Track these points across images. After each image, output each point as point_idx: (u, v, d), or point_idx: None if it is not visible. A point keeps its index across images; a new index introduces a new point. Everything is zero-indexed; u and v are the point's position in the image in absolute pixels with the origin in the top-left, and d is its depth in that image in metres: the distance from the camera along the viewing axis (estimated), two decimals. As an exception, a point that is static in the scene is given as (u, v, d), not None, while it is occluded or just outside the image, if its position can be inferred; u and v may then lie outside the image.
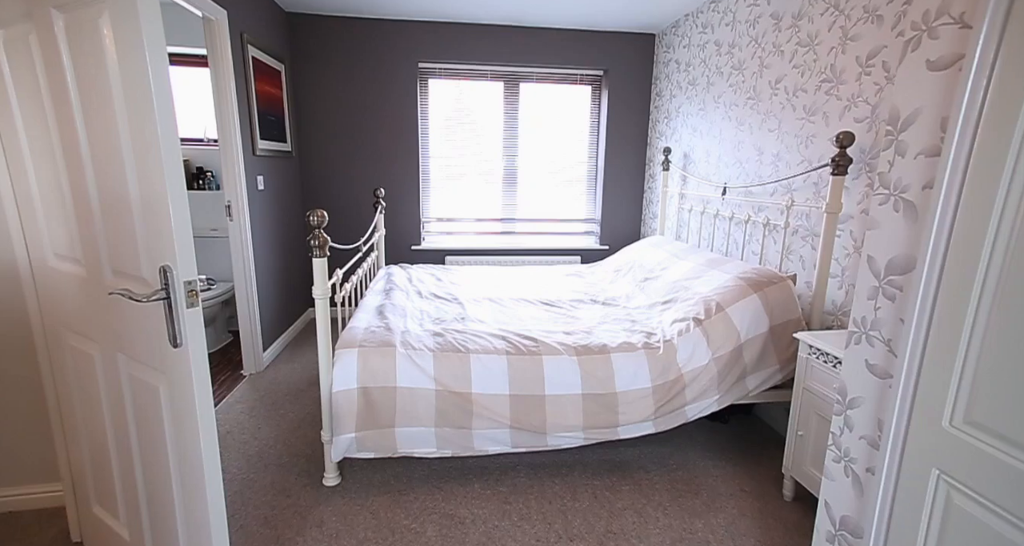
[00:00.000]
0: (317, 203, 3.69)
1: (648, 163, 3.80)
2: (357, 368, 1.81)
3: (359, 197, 3.69)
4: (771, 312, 1.94)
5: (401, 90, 3.57)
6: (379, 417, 1.80)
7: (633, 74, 3.67)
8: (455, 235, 3.96)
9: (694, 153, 3.10)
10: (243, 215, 2.70)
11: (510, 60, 3.59)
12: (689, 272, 2.42)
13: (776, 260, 2.30)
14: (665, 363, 1.91)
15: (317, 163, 3.63)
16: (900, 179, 0.95)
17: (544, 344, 1.95)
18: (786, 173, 2.23)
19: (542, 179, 3.92)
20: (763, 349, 1.93)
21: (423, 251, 3.83)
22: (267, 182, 3.01)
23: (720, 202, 2.78)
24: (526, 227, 3.99)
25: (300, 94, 3.51)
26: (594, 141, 3.88)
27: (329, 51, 3.47)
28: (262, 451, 2.11)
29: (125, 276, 1.05)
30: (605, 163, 3.80)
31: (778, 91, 2.26)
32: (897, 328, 0.95)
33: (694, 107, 3.08)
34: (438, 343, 1.93)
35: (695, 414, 1.92)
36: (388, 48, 3.50)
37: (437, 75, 3.68)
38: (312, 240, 1.68)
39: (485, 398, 1.84)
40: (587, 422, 1.87)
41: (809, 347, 1.62)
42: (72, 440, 1.37)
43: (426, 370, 1.83)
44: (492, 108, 3.77)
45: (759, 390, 1.95)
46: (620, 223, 3.92)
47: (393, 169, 3.69)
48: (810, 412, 1.62)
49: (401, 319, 2.16)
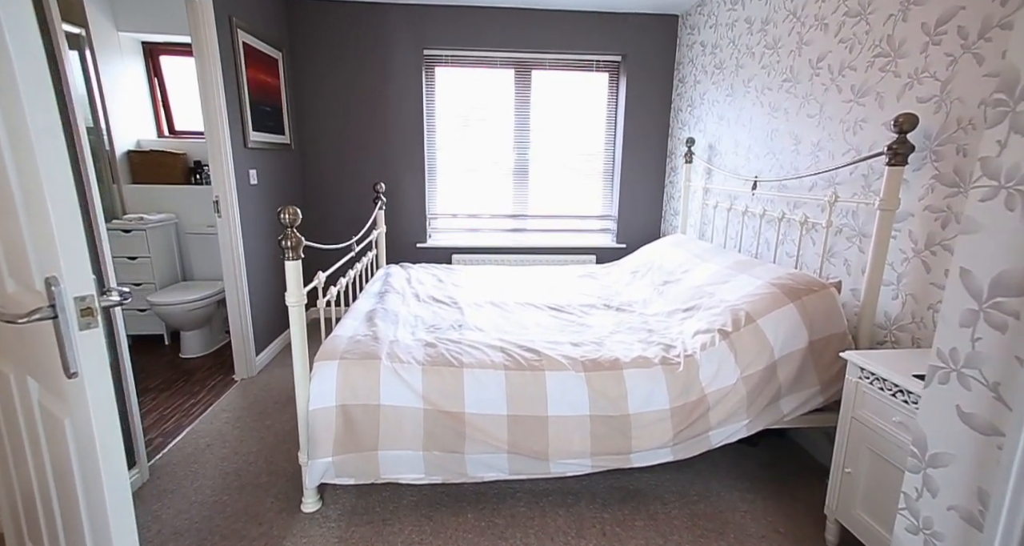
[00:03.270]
0: (318, 198, 3.52)
1: (669, 155, 3.52)
2: (336, 383, 1.62)
3: (364, 192, 3.50)
4: (810, 325, 1.68)
5: (406, 79, 3.37)
6: (360, 439, 1.61)
7: (654, 59, 3.39)
8: (463, 232, 3.75)
9: (720, 144, 2.82)
10: (232, 211, 2.53)
11: (522, 46, 3.35)
12: (714, 276, 2.16)
13: (815, 264, 2.02)
14: (686, 382, 1.67)
15: (318, 156, 3.46)
16: (1017, 166, 0.70)
17: (547, 357, 1.72)
18: (828, 164, 1.95)
19: (555, 173, 3.67)
20: (801, 368, 1.67)
21: (429, 249, 3.64)
22: (261, 176, 2.85)
23: (750, 197, 2.50)
24: (538, 224, 3.76)
25: (300, 83, 3.34)
26: (611, 132, 3.61)
27: (330, 37, 3.28)
28: (240, 469, 1.94)
29: (26, 288, 0.86)
30: (623, 156, 3.53)
31: (820, 70, 1.98)
32: (1011, 369, 0.70)
33: (721, 93, 2.80)
34: (429, 355, 1.73)
35: (720, 441, 1.67)
36: (392, 34, 3.30)
37: (444, 63, 3.46)
38: (284, 240, 1.48)
39: (479, 419, 1.62)
40: (596, 448, 1.65)
41: (860, 370, 1.36)
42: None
43: (413, 386, 1.63)
44: (502, 98, 3.54)
45: (796, 414, 1.69)
46: (638, 220, 3.65)
47: (398, 162, 3.50)
48: (860, 446, 1.36)
49: (392, 327, 1.96)
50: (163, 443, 2.13)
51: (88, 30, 3.06)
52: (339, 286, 2.06)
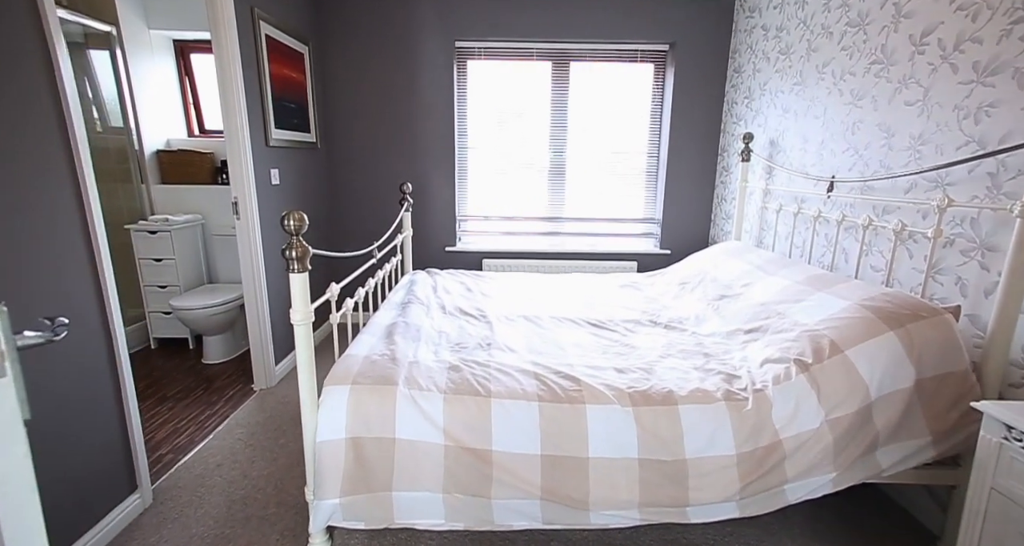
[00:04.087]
0: (344, 200, 3.38)
1: (721, 153, 3.20)
2: (347, 412, 1.42)
3: (393, 193, 3.34)
4: (918, 359, 1.36)
5: (437, 73, 3.18)
6: (372, 477, 1.40)
7: (705, 47, 3.08)
8: (495, 235, 3.54)
9: (784, 139, 2.49)
10: (251, 213, 2.40)
11: (560, 35, 3.10)
12: (783, 292, 1.86)
13: (913, 281, 1.69)
14: (756, 423, 1.39)
15: (345, 155, 3.32)
16: None
17: (588, 387, 1.48)
18: (934, 161, 1.62)
19: (594, 173, 3.41)
20: (905, 412, 1.36)
21: (458, 253, 3.44)
22: (284, 176, 2.71)
23: (823, 200, 2.17)
24: (575, 227, 3.50)
25: (326, 79, 3.20)
26: (656, 128, 3.32)
27: (358, 31, 3.13)
28: (248, 496, 1.78)
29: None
30: (669, 154, 3.23)
31: (925, 47, 1.65)
32: None
33: (787, 82, 2.47)
34: (452, 381, 1.51)
35: (800, 496, 1.38)
36: (422, 25, 3.11)
37: (476, 55, 3.26)
38: (288, 250, 1.30)
39: (509, 458, 1.40)
40: (645, 497, 1.39)
41: (1005, 428, 1.05)
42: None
43: (433, 418, 1.42)
44: (538, 92, 3.30)
45: (898, 470, 1.38)
46: (685, 224, 3.34)
47: (428, 161, 3.32)
48: (1005, 527, 1.06)
49: (412, 344, 1.75)
50: (173, 460, 2.01)
51: (119, 28, 3.02)
52: (357, 296, 1.87)
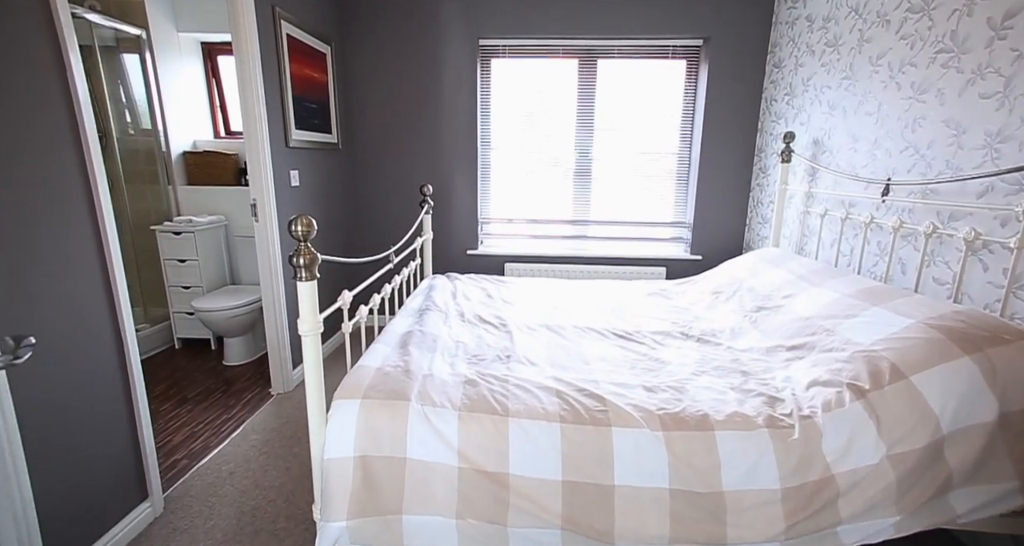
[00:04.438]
0: (366, 202, 3.34)
1: (759, 153, 3.01)
2: (356, 428, 1.34)
3: (416, 194, 3.28)
4: (1003, 390, 1.19)
5: (460, 72, 3.10)
6: (381, 499, 1.32)
7: (743, 41, 2.90)
8: (518, 239, 3.43)
9: (830, 138, 2.31)
10: (270, 215, 2.36)
11: (587, 32, 2.98)
12: (831, 306, 1.69)
13: (989, 297, 1.51)
14: (804, 454, 1.24)
15: (367, 156, 3.28)
16: None
17: (614, 407, 1.36)
18: (1016, 160, 1.43)
19: (622, 174, 3.27)
20: (986, 451, 1.19)
21: (480, 257, 3.35)
22: (303, 177, 2.68)
23: (875, 205, 1.99)
24: (601, 231, 3.36)
25: (349, 79, 3.16)
26: (688, 128, 3.15)
27: (381, 30, 3.08)
28: (258, 508, 1.72)
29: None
30: (701, 154, 3.06)
31: (1008, 31, 1.46)
32: None
33: (834, 76, 2.28)
34: (467, 396, 1.41)
35: (857, 540, 1.23)
36: (446, 23, 3.04)
37: (500, 54, 3.16)
38: (295, 257, 1.22)
39: (527, 483, 1.29)
40: (677, 532, 1.26)
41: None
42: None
43: (446, 437, 1.32)
44: (564, 91, 3.18)
45: (976, 516, 1.21)
46: (717, 228, 3.16)
47: (450, 163, 3.24)
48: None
49: (428, 355, 1.66)
50: (187, 466, 1.98)
51: (149, 32, 3.05)
52: (372, 303, 1.80)
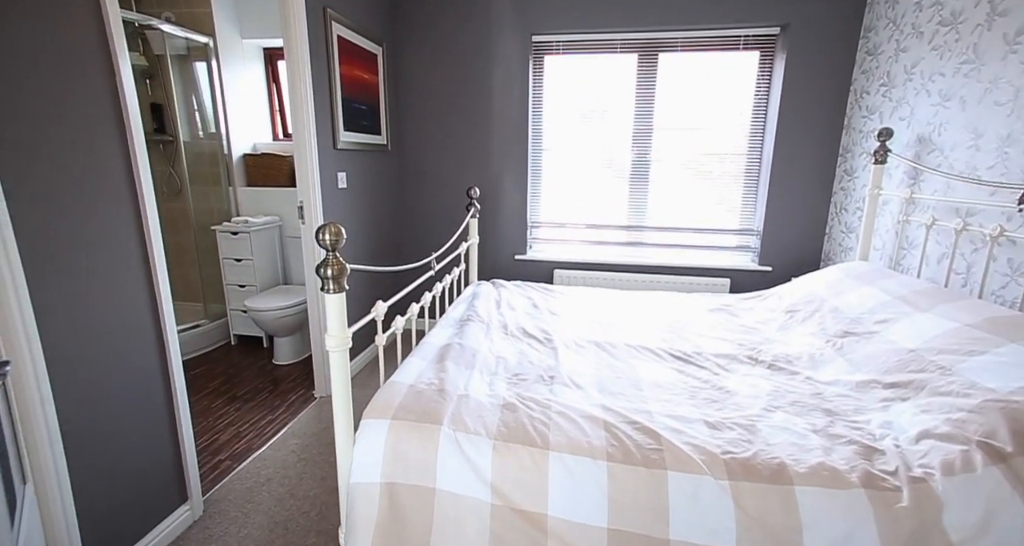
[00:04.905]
0: (413, 203, 3.30)
1: (844, 153, 2.68)
2: (384, 451, 1.25)
3: (463, 197, 3.21)
4: None
5: (512, 70, 2.99)
6: (407, 532, 1.22)
7: (829, 27, 2.58)
8: (568, 244, 3.28)
9: (941, 135, 1.98)
10: (316, 217, 2.35)
11: (649, 23, 2.77)
12: (947, 337, 1.42)
13: None
14: (917, 528, 1.01)
15: (415, 158, 3.24)
16: None
17: (671, 447, 1.18)
18: None
19: (682, 176, 3.02)
20: None
21: (528, 262, 3.22)
22: (351, 179, 2.66)
23: (1005, 214, 1.67)
24: (658, 237, 3.14)
25: (399, 80, 3.13)
26: (759, 125, 2.86)
27: (433, 30, 3.02)
28: (290, 519, 1.68)
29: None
30: (775, 155, 2.76)
31: None
32: None
33: (949, 61, 1.95)
34: (504, 423, 1.29)
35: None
36: (498, 20, 2.93)
37: (554, 50, 3.02)
38: (323, 268, 1.14)
39: (567, 528, 1.15)
40: (743, 603, 1.07)
41: None
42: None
43: (480, 468, 1.20)
44: (621, 88, 2.99)
45: None
46: (791, 237, 2.85)
47: (499, 164, 3.14)
48: None
49: (465, 372, 1.55)
50: (229, 468, 1.99)
51: (215, 40, 3.16)
52: (410, 312, 1.71)
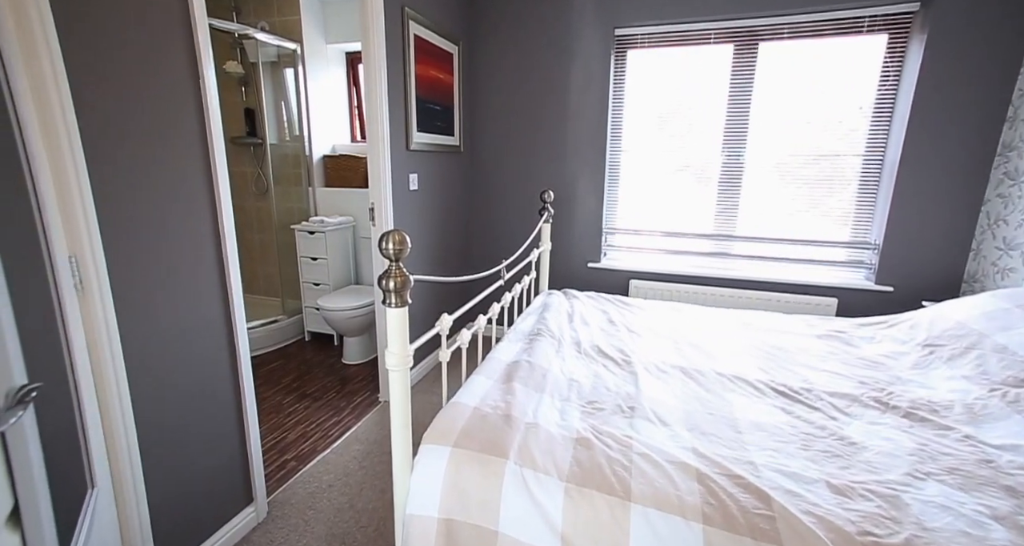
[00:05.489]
0: (485, 206, 3.21)
1: (1005, 152, 2.21)
2: (443, 483, 1.13)
3: (536, 201, 3.07)
4: None
5: (592, 67, 2.81)
6: (464, 577, 1.09)
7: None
8: (646, 253, 3.03)
9: None
10: (386, 219, 2.32)
11: (747, 10, 2.48)
12: None
13: None
14: None
15: (489, 159, 3.15)
16: None
17: (786, 516, 0.96)
18: None
19: (780, 181, 2.68)
20: None
21: (601, 271, 3.02)
22: (423, 181, 2.61)
23: None
24: (749, 248, 2.81)
25: (475, 79, 3.05)
26: (883, 121, 2.46)
27: (510, 28, 2.91)
28: (348, 533, 1.63)
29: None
30: (903, 155, 2.35)
31: None
32: None
33: None
34: (578, 462, 1.12)
35: None
36: (578, 13, 2.77)
37: (638, 44, 2.79)
38: (384, 279, 1.04)
39: (651, 600, 0.96)
40: None
41: None
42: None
43: (549, 514, 1.05)
44: (712, 83, 2.70)
45: None
46: (921, 253, 2.41)
47: (575, 166, 2.97)
48: None
49: (535, 395, 1.40)
50: (294, 469, 1.98)
51: (302, 46, 3.26)
52: (477, 325, 1.59)
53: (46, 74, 1.02)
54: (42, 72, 1.01)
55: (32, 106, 1.01)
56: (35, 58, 1.00)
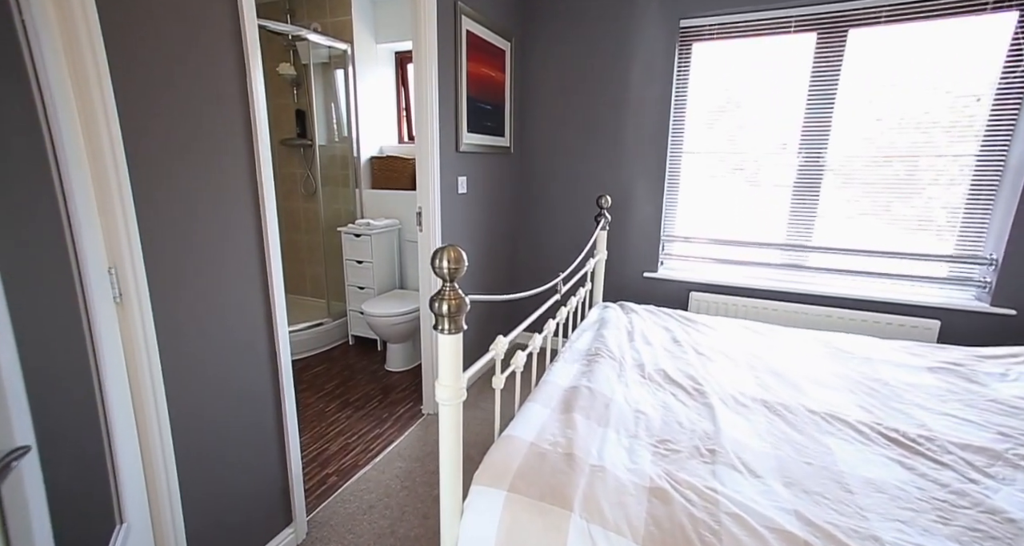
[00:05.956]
0: (536, 211, 3.06)
1: None
2: (497, 535, 0.98)
3: (589, 206, 2.90)
4: None
5: (653, 63, 2.60)
6: None
7: None
8: (707, 262, 2.79)
9: None
10: (434, 224, 2.21)
11: (839, -9, 2.20)
12: None
13: None
14: None
15: (540, 161, 2.99)
16: None
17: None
18: None
19: (868, 186, 2.37)
20: None
21: (659, 281, 2.80)
22: (472, 184, 2.49)
23: None
24: (828, 260, 2.51)
25: (527, 77, 2.90)
26: (1009, 114, 2.11)
27: (565, 21, 2.74)
28: (387, 565, 1.52)
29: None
30: (1027, 155, 2.01)
31: None
32: None
33: None
34: (656, 520, 0.95)
35: None
36: (641, 6, 2.56)
37: (706, 36, 2.55)
38: (437, 302, 0.91)
39: None
40: None
41: None
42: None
43: (623, 587, 0.88)
44: (791, 77, 2.43)
45: None
46: (1045, 268, 2.06)
47: (632, 169, 2.77)
48: None
49: (598, 430, 1.24)
50: (335, 485, 1.90)
51: (352, 46, 3.23)
52: (532, 345, 1.44)
53: (89, 76, 0.95)
54: (86, 74, 0.94)
55: (75, 109, 0.94)
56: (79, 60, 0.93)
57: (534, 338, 1.46)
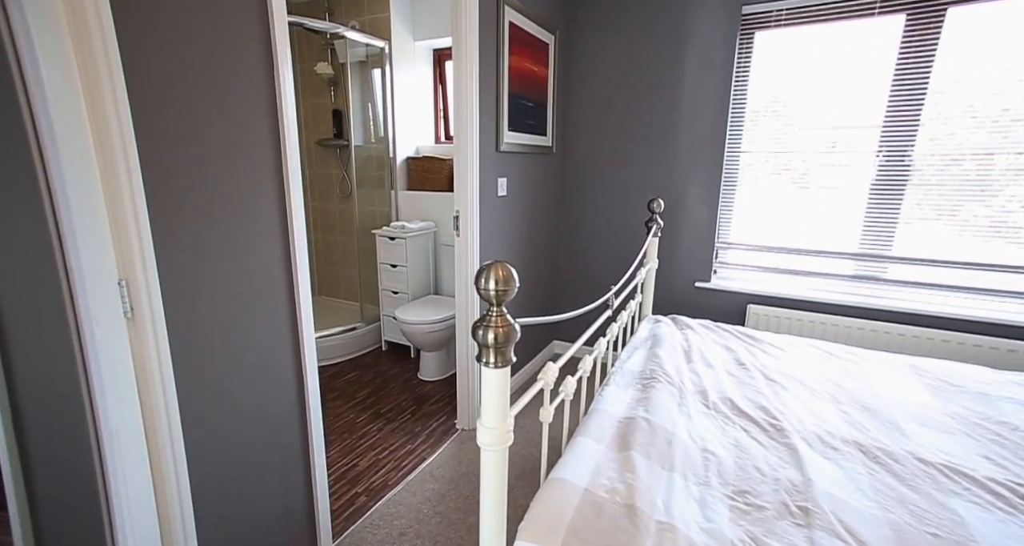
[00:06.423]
0: (579, 215, 2.88)
1: None
2: (547, 609, 0.82)
3: (639, 210, 2.70)
4: None
5: (710, 54, 2.38)
6: None
7: None
8: (766, 272, 2.54)
9: None
10: (472, 229, 2.06)
11: (935, -34, 1.93)
12: None
13: None
14: None
15: (583, 162, 2.81)
16: None
17: None
18: None
19: (962, 188, 2.08)
20: None
21: (712, 292, 2.57)
22: (512, 186, 2.34)
23: None
24: (911, 272, 2.23)
25: (571, 72, 2.73)
26: None
27: (614, 11, 2.55)
28: (416, 606, 1.38)
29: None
30: None
31: None
32: None
33: None
34: (747, 608, 0.76)
35: None
36: (700, -9, 2.35)
37: (771, 22, 2.31)
38: (481, 330, 0.75)
39: None
40: None
41: None
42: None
43: None
44: (873, 67, 2.16)
45: None
46: None
47: (684, 171, 2.55)
48: None
49: (662, 474, 1.06)
50: (364, 506, 1.79)
51: (390, 44, 3.14)
52: (582, 370, 1.27)
53: (100, 71, 0.85)
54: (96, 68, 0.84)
55: (85, 111, 0.84)
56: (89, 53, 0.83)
57: (584, 360, 1.29)
